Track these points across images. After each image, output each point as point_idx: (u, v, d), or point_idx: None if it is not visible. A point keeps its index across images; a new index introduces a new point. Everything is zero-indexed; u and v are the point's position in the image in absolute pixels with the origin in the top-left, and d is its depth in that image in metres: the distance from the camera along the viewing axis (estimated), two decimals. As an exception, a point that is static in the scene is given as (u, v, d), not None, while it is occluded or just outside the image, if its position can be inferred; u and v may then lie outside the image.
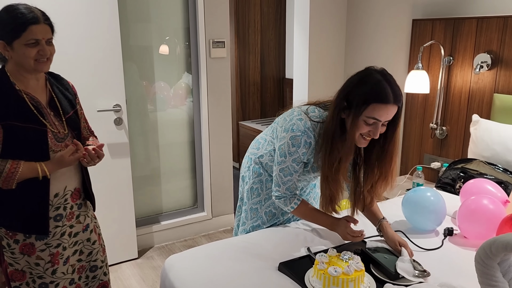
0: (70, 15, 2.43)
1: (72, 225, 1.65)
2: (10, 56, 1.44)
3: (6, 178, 1.43)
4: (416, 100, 3.07)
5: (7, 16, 1.42)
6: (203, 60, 3.10)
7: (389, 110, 1.47)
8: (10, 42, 1.42)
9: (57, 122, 1.55)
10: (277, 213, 1.88)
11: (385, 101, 1.45)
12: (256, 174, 1.87)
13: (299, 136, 1.60)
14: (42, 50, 1.44)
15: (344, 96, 1.52)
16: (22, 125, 1.45)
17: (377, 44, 3.38)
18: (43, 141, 1.50)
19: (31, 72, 1.48)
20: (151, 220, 3.22)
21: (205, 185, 3.35)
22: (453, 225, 1.91)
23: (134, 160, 3.05)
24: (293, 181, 1.67)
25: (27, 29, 1.40)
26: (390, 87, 1.47)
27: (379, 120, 1.48)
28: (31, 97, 1.51)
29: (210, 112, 3.21)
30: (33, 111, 1.49)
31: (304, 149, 1.62)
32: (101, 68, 2.59)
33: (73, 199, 1.64)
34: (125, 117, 2.73)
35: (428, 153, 3.02)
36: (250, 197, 1.89)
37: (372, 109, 1.46)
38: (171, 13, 3.03)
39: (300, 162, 1.65)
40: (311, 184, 1.95)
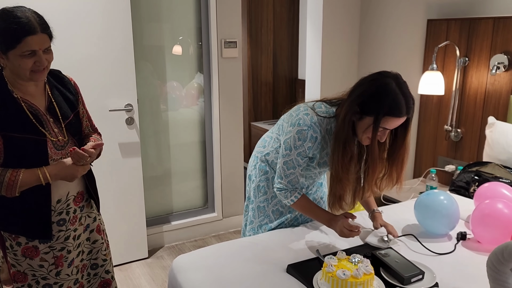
0: (83, 15, 2.45)
1: (76, 228, 1.64)
2: (5, 64, 1.39)
3: (8, 187, 1.41)
4: (430, 102, 3.01)
5: (3, 24, 1.33)
6: (215, 60, 3.10)
7: (400, 121, 1.52)
8: (5, 52, 1.35)
9: (56, 129, 1.51)
10: (284, 211, 1.87)
11: (398, 115, 1.49)
12: (263, 172, 1.87)
13: (305, 130, 1.60)
14: (39, 61, 1.38)
15: (358, 102, 1.53)
16: (21, 136, 1.41)
17: (391, 45, 3.33)
18: (43, 152, 1.46)
19: (27, 82, 1.44)
20: (161, 220, 3.23)
21: (215, 186, 3.34)
22: (466, 229, 1.86)
23: (145, 160, 3.06)
24: (296, 174, 1.67)
25: (22, 40, 1.32)
26: (405, 99, 1.49)
27: (388, 129, 1.53)
28: (30, 104, 1.46)
29: (221, 113, 3.21)
30: (32, 120, 1.44)
31: (310, 143, 1.62)
32: (114, 67, 2.61)
33: (76, 202, 1.62)
34: (136, 116, 2.75)
35: (443, 155, 2.96)
36: (257, 195, 1.89)
37: (385, 121, 1.49)
38: (184, 13, 3.04)
39: (305, 156, 1.65)
40: (318, 183, 1.93)
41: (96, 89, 2.57)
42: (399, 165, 1.64)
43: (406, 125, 1.58)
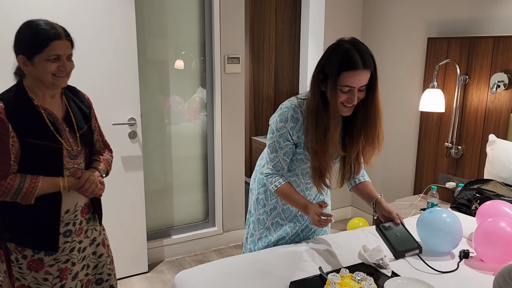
0: (89, 29, 2.49)
1: (81, 241, 1.64)
2: (29, 71, 1.45)
3: (26, 194, 1.44)
4: (431, 119, 3.04)
5: (29, 31, 1.43)
6: (218, 75, 3.13)
7: (360, 76, 1.52)
8: (31, 57, 1.42)
9: (71, 139, 1.56)
10: (284, 224, 1.87)
11: (354, 68, 1.51)
12: (261, 185, 1.88)
13: (286, 111, 1.66)
14: (63, 66, 1.46)
15: (320, 69, 1.58)
16: (39, 142, 1.46)
17: (392, 62, 3.37)
18: (58, 159, 1.51)
19: (49, 86, 1.49)
20: (162, 233, 3.22)
21: (216, 200, 3.34)
22: (469, 247, 1.86)
23: (147, 173, 3.06)
24: (279, 158, 1.70)
25: (49, 44, 1.41)
26: (359, 53, 1.52)
27: (353, 87, 1.53)
28: (49, 112, 1.51)
29: (223, 127, 3.23)
30: (50, 128, 1.49)
31: (292, 123, 1.65)
32: (117, 81, 2.63)
33: (83, 214, 1.64)
34: (139, 130, 2.76)
35: (443, 172, 2.97)
36: (256, 207, 1.90)
37: (344, 78, 1.52)
38: (188, 29, 3.08)
39: (287, 139, 1.68)
40: None
41: (100, 103, 2.59)
42: (373, 127, 1.64)
43: (373, 84, 1.58)
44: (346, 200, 3.97)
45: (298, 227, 1.90)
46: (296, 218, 1.89)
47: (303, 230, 1.92)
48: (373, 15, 3.50)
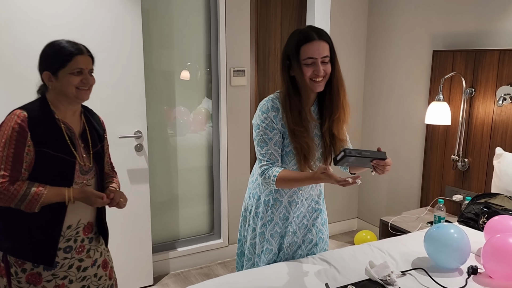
0: (97, 44, 2.51)
1: (82, 259, 1.64)
2: (54, 86, 1.52)
3: (30, 201, 1.46)
4: (436, 131, 3.03)
5: (53, 49, 1.52)
6: (224, 87, 3.15)
7: (318, 46, 1.61)
8: (55, 71, 1.50)
9: (85, 155, 1.61)
10: (281, 232, 1.86)
11: (310, 40, 1.61)
12: (256, 198, 1.88)
13: (265, 103, 1.73)
14: (85, 79, 1.54)
15: (284, 55, 1.68)
16: (54, 153, 1.51)
17: (397, 74, 3.38)
18: (70, 172, 1.55)
19: (72, 100, 1.55)
20: (167, 246, 3.21)
21: (222, 212, 3.34)
22: (477, 263, 1.85)
23: (152, 185, 3.07)
24: (271, 150, 1.71)
25: (72, 59, 1.50)
26: (313, 29, 1.65)
27: (314, 58, 1.61)
28: (68, 127, 1.57)
29: (229, 139, 3.24)
30: (67, 141, 1.55)
31: (273, 112, 1.71)
32: (124, 95, 2.65)
33: (85, 232, 1.65)
34: (145, 143, 2.77)
35: (450, 185, 2.96)
36: (257, 223, 1.88)
37: (304, 51, 1.61)
38: (193, 40, 3.10)
39: (273, 128, 1.70)
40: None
41: (106, 116, 2.58)
42: (337, 98, 1.70)
43: (333, 58, 1.67)
44: (352, 212, 3.95)
45: (296, 237, 1.88)
46: (292, 224, 1.87)
47: (299, 235, 1.90)
48: (378, 28, 3.52)
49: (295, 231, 1.87)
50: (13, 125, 1.45)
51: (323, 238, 1.95)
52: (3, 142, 1.45)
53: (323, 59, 1.63)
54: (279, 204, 1.83)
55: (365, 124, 3.75)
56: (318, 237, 1.92)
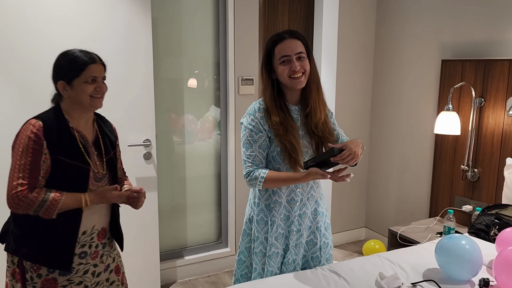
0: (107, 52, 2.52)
1: (96, 264, 1.66)
2: (69, 95, 1.55)
3: (49, 207, 1.48)
4: (446, 141, 3.01)
5: (67, 58, 1.55)
6: (232, 96, 3.16)
7: (289, 44, 1.70)
8: (70, 81, 1.53)
9: (98, 162, 1.64)
10: (285, 233, 1.86)
11: (282, 39, 1.71)
12: (256, 205, 1.89)
13: (253, 105, 1.80)
14: (99, 87, 1.57)
15: (264, 60, 1.75)
16: (69, 161, 1.53)
17: (405, 83, 3.37)
18: (85, 179, 1.58)
19: (86, 108, 1.58)
20: (175, 254, 3.21)
21: (229, 220, 3.33)
22: (488, 275, 1.83)
23: (160, 193, 3.07)
24: (255, 153, 1.75)
25: (86, 68, 1.53)
26: (286, 30, 1.74)
27: (288, 55, 1.69)
28: (82, 135, 1.60)
29: (237, 147, 3.24)
30: (81, 149, 1.57)
31: (260, 113, 1.76)
32: (134, 103, 2.66)
33: (99, 238, 1.67)
34: (154, 152, 2.78)
35: (459, 195, 2.93)
36: (260, 230, 1.88)
37: (278, 51, 1.71)
38: (201, 48, 3.12)
39: (259, 130, 1.74)
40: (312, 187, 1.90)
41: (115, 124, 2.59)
42: (313, 92, 1.76)
43: (308, 54, 1.74)
44: (359, 221, 3.92)
45: (301, 237, 1.87)
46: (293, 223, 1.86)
47: (303, 234, 1.89)
48: (386, 37, 3.52)
49: (299, 229, 1.86)
50: (29, 134, 1.48)
51: (327, 243, 1.94)
52: (20, 151, 1.48)
53: (298, 55, 1.70)
54: (279, 206, 1.84)
55: (373, 133, 3.75)
56: (322, 242, 1.92)
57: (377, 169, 3.73)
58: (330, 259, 1.96)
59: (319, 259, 1.91)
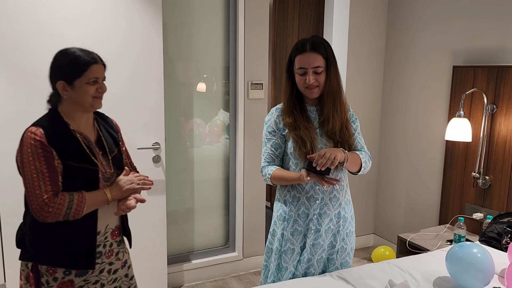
0: (117, 55, 2.55)
1: (112, 262, 1.67)
2: (69, 95, 1.51)
3: (78, 205, 1.48)
4: (457, 148, 2.98)
5: (68, 58, 1.50)
6: (241, 100, 3.16)
7: (309, 58, 1.74)
8: (71, 81, 1.49)
9: (104, 162, 1.61)
10: (303, 230, 1.86)
11: (302, 51, 1.75)
12: (277, 201, 1.94)
13: (273, 108, 1.90)
14: (101, 88, 1.55)
15: (287, 64, 1.82)
16: (77, 165, 1.51)
17: (415, 89, 3.35)
18: (95, 181, 1.55)
19: (87, 109, 1.55)
20: (182, 258, 3.20)
21: (237, 224, 3.32)
22: (501, 284, 1.80)
23: (169, 196, 3.08)
24: (268, 151, 1.86)
25: (89, 68, 1.50)
26: (309, 41, 1.76)
27: (304, 68, 1.74)
28: (84, 136, 1.57)
29: (246, 152, 3.24)
30: (86, 151, 1.54)
31: (277, 112, 1.86)
32: (144, 107, 2.67)
33: (113, 236, 1.67)
34: (163, 155, 2.79)
35: (470, 202, 2.90)
36: (279, 225, 1.90)
37: (297, 61, 1.76)
38: (211, 52, 3.13)
39: (273, 129, 1.84)
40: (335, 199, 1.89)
41: (125, 127, 2.60)
42: (323, 105, 1.80)
43: (328, 70, 1.76)
44: (368, 228, 3.89)
45: (319, 238, 1.85)
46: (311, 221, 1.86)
47: (320, 235, 1.87)
48: (397, 43, 3.51)
49: (317, 229, 1.85)
50: (33, 143, 1.44)
51: (346, 249, 1.92)
52: (31, 161, 1.44)
53: (315, 69, 1.74)
54: (297, 201, 1.85)
55: (383, 138, 3.72)
56: (340, 246, 1.90)
57: (386, 175, 3.70)
58: (345, 265, 1.94)
59: (333, 262, 1.90)
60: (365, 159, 1.88)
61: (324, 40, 1.80)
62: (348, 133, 1.85)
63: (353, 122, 1.92)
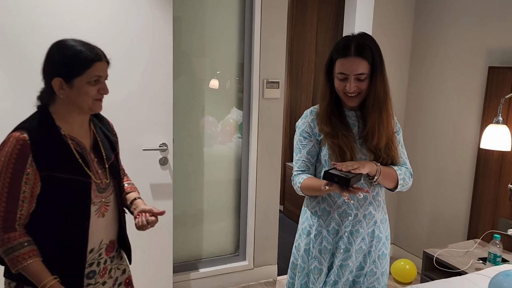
0: (123, 51, 2.36)
1: (105, 282, 1.49)
2: (66, 95, 1.31)
3: (11, 260, 1.28)
4: (490, 156, 2.73)
5: (67, 52, 1.30)
6: (256, 99, 2.95)
7: (351, 63, 1.52)
8: (70, 79, 1.29)
9: (100, 170, 1.42)
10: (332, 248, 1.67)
11: (345, 55, 1.53)
12: (303, 213, 1.78)
13: (307, 110, 1.72)
14: (103, 89, 1.36)
15: (327, 66, 1.61)
16: (66, 176, 1.32)
17: (444, 92, 3.09)
18: (86, 194, 1.36)
19: (85, 112, 1.37)
20: (189, 266, 3.02)
21: (248, 231, 3.12)
22: (552, 320, 1.56)
23: (176, 200, 2.89)
24: (302, 158, 1.66)
25: (92, 65, 1.30)
26: (355, 42, 1.53)
27: (346, 74, 1.53)
28: (77, 142, 1.38)
29: (259, 153, 3.03)
30: (78, 160, 1.35)
31: (312, 115, 1.67)
32: (151, 105, 2.48)
33: (107, 252, 1.49)
34: (170, 157, 2.59)
35: (505, 217, 2.64)
36: (303, 240, 1.74)
37: (337, 65, 1.55)
38: (225, 48, 2.93)
39: (308, 134, 1.65)
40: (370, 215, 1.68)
41: (131, 127, 2.45)
42: (372, 117, 1.58)
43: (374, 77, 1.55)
44: (387, 238, 3.65)
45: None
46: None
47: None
48: (424, 40, 3.25)
49: (347, 249, 1.64)
50: (10, 151, 1.26)
51: (375, 273, 1.69)
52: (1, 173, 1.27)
53: (358, 76, 1.53)
54: (327, 215, 1.65)
55: (406, 143, 3.45)
56: (369, 269, 1.68)
57: (409, 183, 3.46)
58: None
59: (359, 286, 1.68)
60: (404, 175, 1.65)
61: (372, 41, 1.57)
62: (393, 147, 1.63)
63: (397, 133, 1.69)
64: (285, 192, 4.66)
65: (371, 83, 1.56)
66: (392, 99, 1.65)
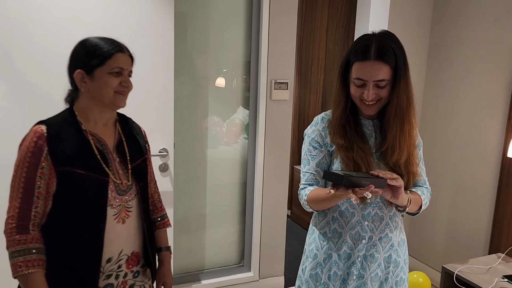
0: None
1: None
2: (87, 88, 1.29)
3: (13, 265, 1.22)
4: (516, 165, 2.53)
5: (89, 44, 1.29)
6: (263, 101, 2.78)
7: (370, 68, 1.33)
8: (91, 70, 1.27)
9: (121, 171, 1.36)
10: (343, 274, 1.49)
11: (363, 58, 1.34)
12: (311, 233, 1.60)
13: (317, 116, 1.55)
14: (125, 81, 1.32)
15: (342, 69, 1.43)
16: (82, 172, 1.26)
17: (464, 94, 2.89)
18: (102, 194, 1.29)
19: (107, 105, 1.32)
20: (190, 277, 2.85)
21: (254, 239, 2.95)
22: None
23: (177, 207, 2.72)
24: (311, 171, 1.48)
25: (113, 56, 1.28)
26: (376, 43, 1.34)
27: (364, 80, 1.35)
28: (98, 139, 1.33)
29: (266, 156, 2.86)
30: (97, 156, 1.30)
31: (323, 123, 1.49)
32: (150, 109, 2.32)
33: (129, 265, 1.37)
34: (171, 163, 2.43)
35: (531, 231, 2.45)
36: (309, 264, 1.56)
37: (355, 69, 1.37)
38: (232, 46, 2.76)
39: (318, 144, 1.48)
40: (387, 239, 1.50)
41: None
42: (392, 129, 1.40)
43: (396, 83, 1.36)
44: (400, 247, 3.47)
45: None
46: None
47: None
48: (443, 38, 3.05)
49: (361, 275, 1.46)
50: (28, 145, 1.24)
51: None
52: (15, 166, 1.25)
53: (377, 82, 1.35)
54: (338, 237, 1.48)
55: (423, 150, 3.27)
56: None
57: (424, 190, 3.26)
58: None
59: None
60: (427, 199, 1.49)
61: (396, 41, 1.37)
62: (414, 162, 1.44)
63: (418, 147, 1.51)
64: (292, 196, 4.48)
65: (393, 90, 1.38)
66: (416, 108, 1.47)
